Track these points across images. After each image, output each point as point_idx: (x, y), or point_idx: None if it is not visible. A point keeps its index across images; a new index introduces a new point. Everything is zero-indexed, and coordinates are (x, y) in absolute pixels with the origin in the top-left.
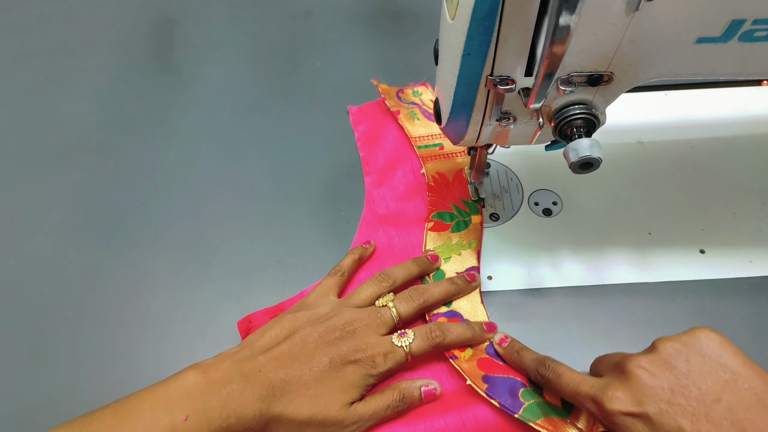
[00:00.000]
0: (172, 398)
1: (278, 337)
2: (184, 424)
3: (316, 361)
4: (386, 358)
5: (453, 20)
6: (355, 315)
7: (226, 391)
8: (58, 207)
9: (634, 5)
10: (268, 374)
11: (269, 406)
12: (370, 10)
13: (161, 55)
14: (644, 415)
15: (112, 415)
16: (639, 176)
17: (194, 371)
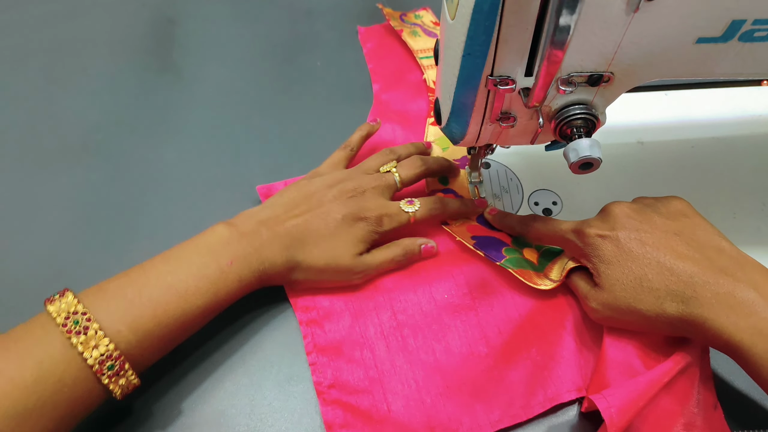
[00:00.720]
0: (214, 247)
1: (296, 198)
2: (230, 267)
3: (332, 218)
4: (391, 219)
5: (453, 20)
6: (364, 179)
7: (259, 241)
8: (57, 206)
9: (634, 5)
10: (290, 228)
11: (294, 254)
12: (371, 10)
13: (161, 55)
14: (614, 237)
15: (163, 261)
16: (639, 176)
17: (226, 226)
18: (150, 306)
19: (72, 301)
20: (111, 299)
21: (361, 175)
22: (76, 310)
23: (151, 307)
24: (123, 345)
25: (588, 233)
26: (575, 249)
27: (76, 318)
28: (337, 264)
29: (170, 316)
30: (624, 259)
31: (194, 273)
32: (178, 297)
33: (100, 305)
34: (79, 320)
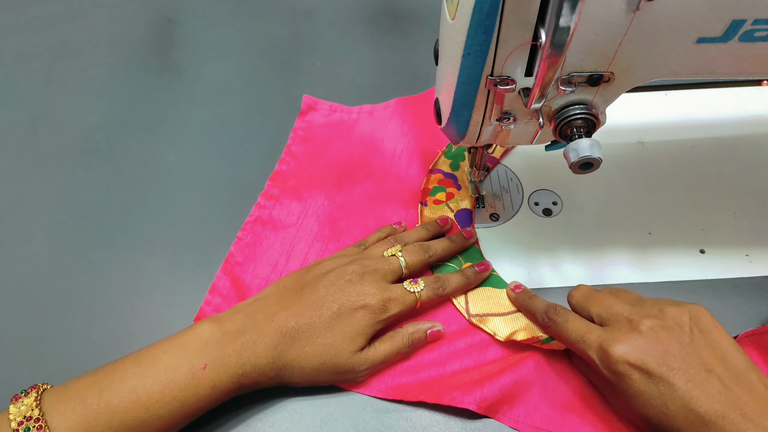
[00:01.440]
0: (190, 348)
1: (290, 287)
2: (203, 372)
3: (326, 308)
4: (396, 302)
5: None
6: (365, 261)
7: (241, 341)
8: (58, 206)
9: (634, 5)
10: (279, 323)
11: (281, 354)
12: (370, 10)
13: (161, 55)
14: (645, 370)
15: (133, 362)
16: (639, 176)
17: (210, 323)
18: (107, 413)
19: (31, 404)
20: (69, 402)
21: (362, 258)
22: (31, 416)
23: (108, 414)
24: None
25: (615, 359)
26: (597, 367)
27: (28, 425)
28: (334, 363)
29: (127, 426)
30: (652, 400)
31: (162, 377)
32: (138, 404)
33: (57, 409)
34: (31, 428)
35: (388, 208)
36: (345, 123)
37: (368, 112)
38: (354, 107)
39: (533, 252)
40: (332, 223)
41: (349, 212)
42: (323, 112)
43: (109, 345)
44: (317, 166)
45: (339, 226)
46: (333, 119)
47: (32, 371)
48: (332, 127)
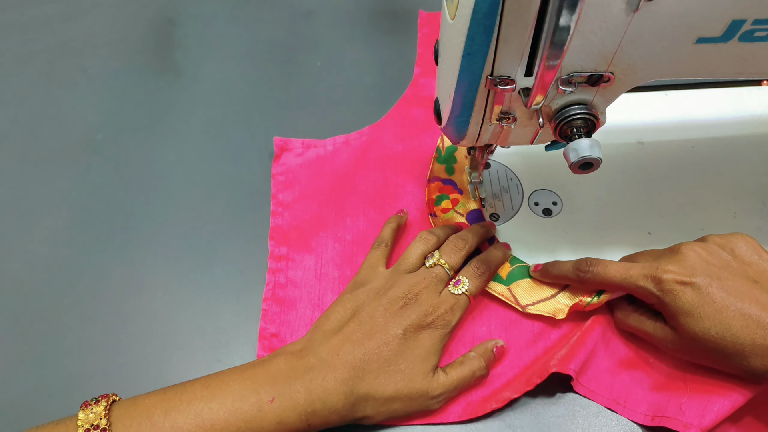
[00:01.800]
0: (258, 379)
1: (344, 317)
2: (270, 405)
3: (391, 335)
4: (453, 311)
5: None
6: (412, 280)
7: (309, 377)
8: (58, 207)
9: (634, 5)
10: (346, 356)
11: (353, 388)
12: (370, 10)
13: (161, 55)
14: (695, 284)
15: (202, 386)
16: (639, 176)
17: (278, 357)
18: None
19: (100, 413)
20: (136, 417)
21: (407, 276)
22: (98, 425)
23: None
24: None
25: (666, 279)
26: (648, 296)
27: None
28: (409, 389)
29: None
30: (706, 310)
31: (228, 405)
32: (202, 429)
33: (123, 422)
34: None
35: (399, 229)
36: (322, 158)
37: (343, 142)
38: (327, 140)
39: (533, 252)
40: (351, 262)
41: (363, 246)
42: (297, 151)
43: (109, 345)
44: (312, 210)
45: (358, 262)
46: (309, 157)
47: (32, 371)
48: (311, 165)
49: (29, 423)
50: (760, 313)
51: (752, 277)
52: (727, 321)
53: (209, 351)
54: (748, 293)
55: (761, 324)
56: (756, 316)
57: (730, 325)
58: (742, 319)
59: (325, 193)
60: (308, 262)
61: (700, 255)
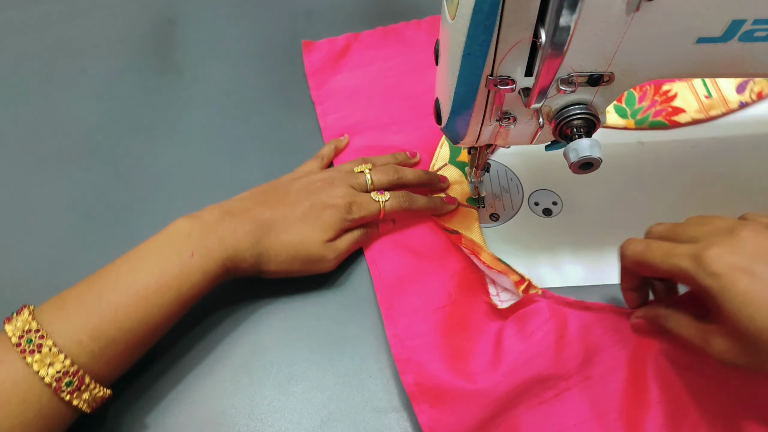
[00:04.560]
0: (174, 241)
1: (264, 190)
2: (191, 260)
3: (299, 205)
4: (360, 206)
5: (453, 20)
6: (334, 173)
7: (221, 229)
8: (58, 206)
9: (634, 5)
10: (255, 215)
11: (259, 240)
12: (370, 10)
13: (161, 55)
14: (748, 269)
15: (123, 263)
16: (639, 176)
17: (187, 219)
18: (110, 310)
19: (27, 318)
20: (70, 309)
21: (332, 170)
22: (29, 328)
23: (112, 312)
24: (85, 356)
25: (712, 259)
26: (687, 279)
27: (30, 336)
28: (307, 251)
29: (132, 319)
30: (756, 295)
31: (154, 270)
32: (138, 297)
33: (57, 318)
34: (33, 338)
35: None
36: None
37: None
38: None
39: (533, 252)
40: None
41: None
42: (322, 51)
43: None
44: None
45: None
46: (334, 51)
47: None
48: (338, 57)
49: None
50: None
51: None
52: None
53: (209, 351)
54: None
55: None
56: None
57: None
58: None
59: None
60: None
61: (756, 238)
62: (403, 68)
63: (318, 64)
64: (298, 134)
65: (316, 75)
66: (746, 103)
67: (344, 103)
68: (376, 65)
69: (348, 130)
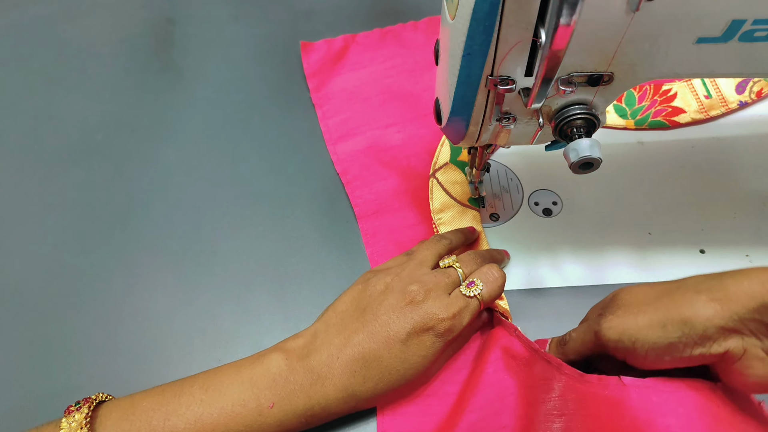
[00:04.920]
0: (258, 382)
1: (349, 312)
2: (270, 411)
3: (393, 339)
4: (461, 315)
5: (453, 20)
6: (427, 277)
7: (309, 382)
8: (58, 206)
9: (634, 5)
10: (346, 360)
11: (353, 393)
12: (370, 10)
13: (161, 55)
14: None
15: (201, 389)
16: (639, 176)
17: (278, 355)
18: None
19: (81, 420)
20: (135, 422)
21: (423, 270)
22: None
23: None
24: None
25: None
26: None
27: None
28: (408, 382)
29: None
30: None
31: (228, 410)
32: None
33: (121, 427)
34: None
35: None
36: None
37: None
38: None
39: (533, 252)
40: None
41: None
42: (320, 52)
43: (109, 345)
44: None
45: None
46: (332, 52)
47: (32, 371)
48: (336, 59)
49: (28, 423)
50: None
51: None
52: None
53: (209, 351)
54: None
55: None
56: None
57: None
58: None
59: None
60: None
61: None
62: (401, 69)
63: (317, 66)
64: (297, 134)
65: (314, 77)
66: (746, 102)
67: (344, 105)
68: (374, 66)
69: (349, 132)
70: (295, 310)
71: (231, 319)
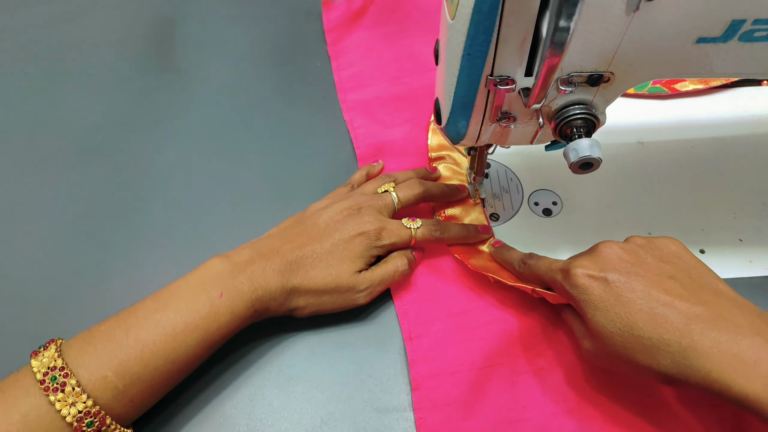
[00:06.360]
0: (204, 281)
1: (292, 224)
2: (220, 300)
3: (327, 238)
4: (391, 233)
5: (453, 20)
6: (360, 197)
7: (251, 269)
8: (58, 206)
9: (634, 5)
10: (284, 253)
11: (288, 278)
12: None
13: (161, 55)
14: (603, 278)
15: (153, 300)
16: (639, 176)
17: (219, 258)
18: (137, 347)
19: (53, 355)
20: (98, 344)
21: (357, 195)
22: (54, 365)
23: (138, 348)
24: (109, 393)
25: (574, 273)
26: (561, 290)
27: (54, 374)
28: (336, 284)
29: (159, 357)
30: (612, 305)
31: (183, 309)
32: (166, 336)
33: (84, 353)
34: (57, 376)
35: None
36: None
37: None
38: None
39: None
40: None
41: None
42: (340, 10)
43: None
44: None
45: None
46: (351, 11)
47: None
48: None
49: None
50: (667, 308)
51: (668, 273)
52: (632, 317)
53: None
54: (657, 288)
55: (668, 319)
56: (662, 311)
57: (636, 320)
58: (648, 314)
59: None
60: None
61: (614, 252)
62: (415, 30)
63: (335, 22)
64: (297, 134)
65: (333, 32)
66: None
67: (358, 59)
68: (390, 26)
69: (360, 83)
70: None
71: None
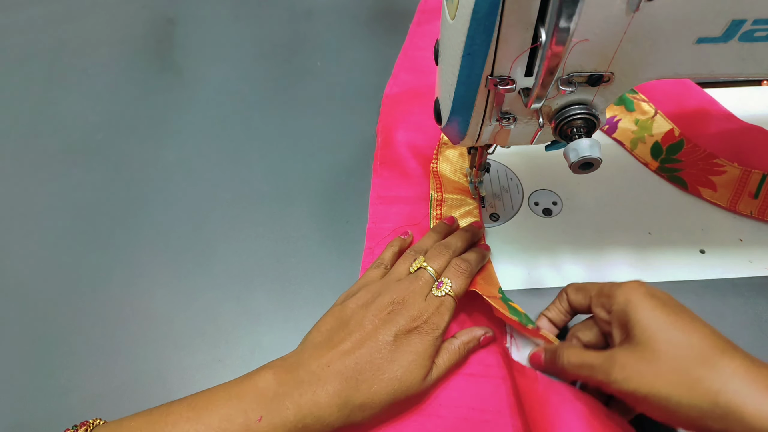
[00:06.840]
0: (245, 397)
1: (333, 328)
2: (258, 425)
3: (382, 342)
4: (440, 313)
5: (453, 20)
6: (400, 286)
7: (298, 392)
8: (58, 206)
9: (634, 5)
10: (337, 367)
11: (347, 400)
12: (370, 10)
13: (161, 55)
14: (653, 294)
15: (188, 407)
16: (639, 176)
17: (266, 371)
18: None
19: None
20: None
21: (394, 283)
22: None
23: None
24: None
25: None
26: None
27: None
28: (407, 394)
29: None
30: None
31: (215, 426)
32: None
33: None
34: None
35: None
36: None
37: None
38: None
39: (533, 252)
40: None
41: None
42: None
43: (108, 345)
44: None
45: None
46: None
47: (32, 371)
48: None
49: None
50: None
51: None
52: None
53: (209, 351)
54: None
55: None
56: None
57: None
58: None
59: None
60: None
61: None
62: None
63: (432, 4)
64: (297, 134)
65: (424, 13)
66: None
67: (429, 44)
68: None
69: (417, 69)
70: (294, 310)
71: (231, 319)
